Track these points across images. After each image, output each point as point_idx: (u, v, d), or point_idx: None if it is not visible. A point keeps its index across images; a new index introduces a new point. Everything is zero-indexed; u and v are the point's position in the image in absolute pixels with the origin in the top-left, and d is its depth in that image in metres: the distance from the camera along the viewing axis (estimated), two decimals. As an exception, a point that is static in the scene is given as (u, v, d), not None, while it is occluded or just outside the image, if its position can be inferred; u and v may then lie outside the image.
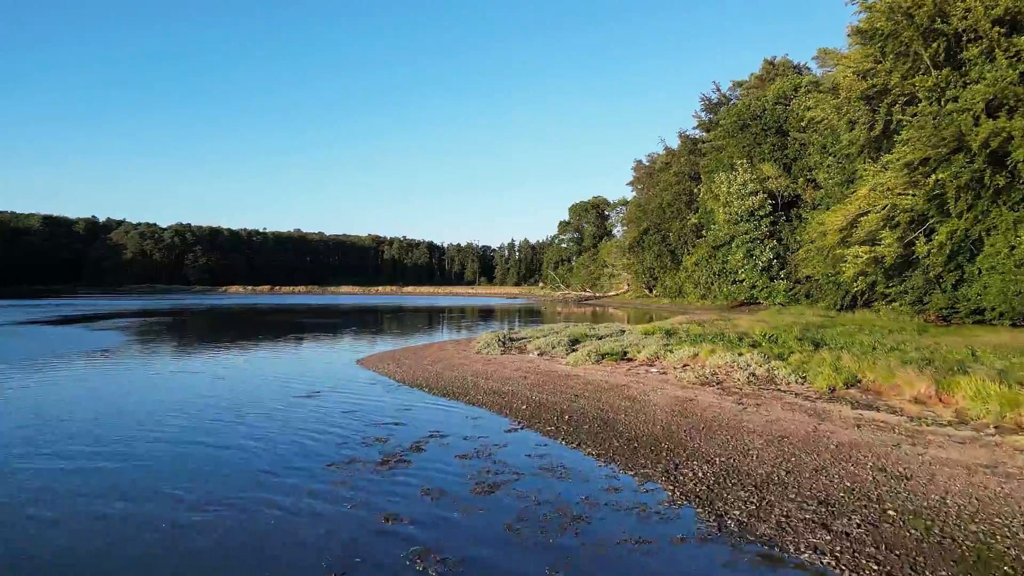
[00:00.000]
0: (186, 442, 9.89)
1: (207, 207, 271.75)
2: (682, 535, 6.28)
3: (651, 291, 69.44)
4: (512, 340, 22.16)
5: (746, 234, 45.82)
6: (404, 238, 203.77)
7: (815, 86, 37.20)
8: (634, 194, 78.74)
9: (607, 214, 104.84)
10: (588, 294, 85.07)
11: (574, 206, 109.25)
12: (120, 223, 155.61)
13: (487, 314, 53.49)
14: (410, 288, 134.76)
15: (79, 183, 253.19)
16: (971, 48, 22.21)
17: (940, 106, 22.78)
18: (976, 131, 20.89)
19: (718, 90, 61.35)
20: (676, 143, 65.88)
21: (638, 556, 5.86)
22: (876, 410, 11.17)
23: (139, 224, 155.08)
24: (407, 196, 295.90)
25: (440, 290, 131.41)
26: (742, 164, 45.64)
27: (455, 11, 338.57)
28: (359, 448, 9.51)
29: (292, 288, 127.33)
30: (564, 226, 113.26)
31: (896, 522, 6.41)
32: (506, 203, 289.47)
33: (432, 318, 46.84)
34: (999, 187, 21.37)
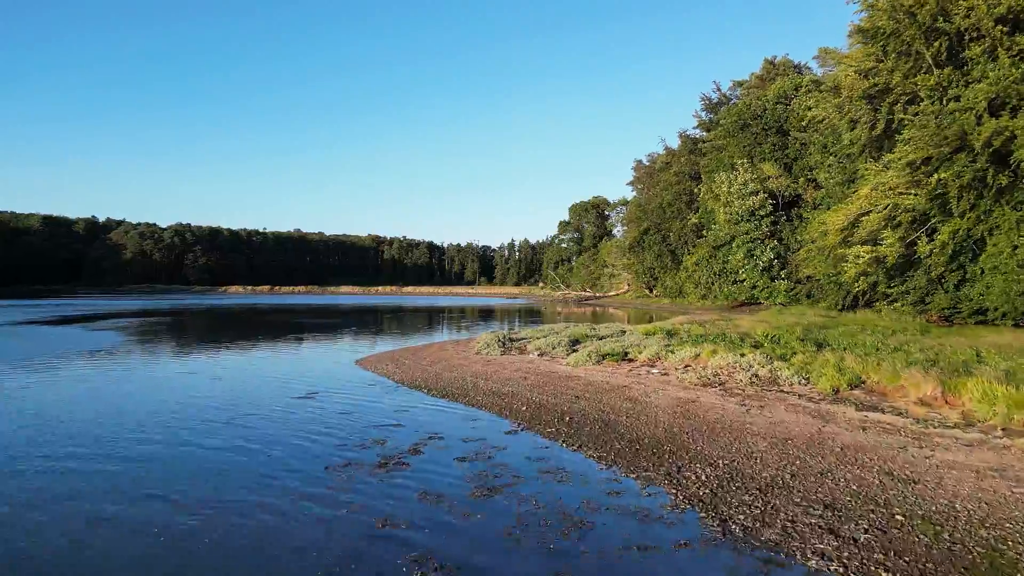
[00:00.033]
0: (185, 443, 9.82)
1: (207, 207, 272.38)
2: (686, 540, 6.15)
3: (651, 291, 69.33)
4: (512, 340, 22.04)
5: (747, 234, 45.69)
6: (404, 238, 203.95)
7: (816, 85, 36.97)
8: (634, 194, 78.65)
9: (607, 214, 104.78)
10: (588, 294, 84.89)
11: (574, 206, 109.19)
12: (120, 223, 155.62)
13: (487, 314, 53.36)
14: (410, 288, 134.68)
15: (79, 183, 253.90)
16: (973, 47, 22.08)
17: (942, 105, 22.64)
18: (978, 130, 20.75)
19: (718, 90, 61.27)
20: (676, 143, 65.89)
21: (641, 562, 5.74)
22: (881, 412, 11.05)
23: (139, 224, 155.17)
24: (407, 196, 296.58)
25: (440, 290, 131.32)
26: (743, 164, 45.52)
27: (455, 11, 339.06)
28: (358, 450, 9.40)
29: (292, 288, 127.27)
30: (564, 226, 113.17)
31: (905, 527, 6.28)
32: (506, 203, 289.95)
33: (432, 318, 46.71)
34: (1002, 186, 21.23)
